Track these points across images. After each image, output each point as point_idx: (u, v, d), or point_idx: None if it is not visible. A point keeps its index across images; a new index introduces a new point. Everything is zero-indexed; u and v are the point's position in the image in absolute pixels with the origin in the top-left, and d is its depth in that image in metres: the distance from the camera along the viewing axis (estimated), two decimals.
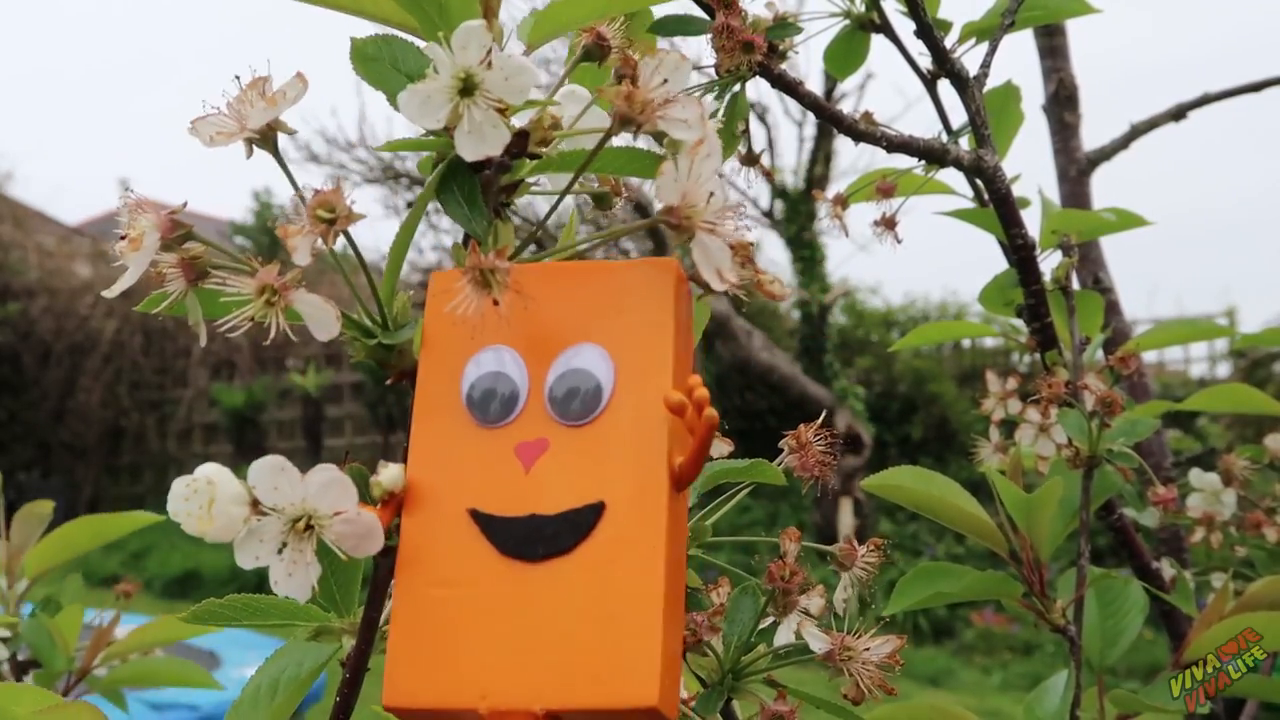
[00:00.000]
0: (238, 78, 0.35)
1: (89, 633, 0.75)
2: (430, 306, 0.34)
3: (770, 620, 0.42)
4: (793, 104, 1.23)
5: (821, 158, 6.26)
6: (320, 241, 0.32)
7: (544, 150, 0.35)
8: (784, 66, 0.61)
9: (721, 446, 0.43)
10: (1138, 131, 1.00)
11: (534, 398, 0.32)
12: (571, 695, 0.29)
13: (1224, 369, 5.95)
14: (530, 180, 0.37)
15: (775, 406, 5.60)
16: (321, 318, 0.33)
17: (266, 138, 0.35)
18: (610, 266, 0.33)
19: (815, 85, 2.33)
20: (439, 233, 6.37)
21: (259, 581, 0.34)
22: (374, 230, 9.65)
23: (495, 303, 0.31)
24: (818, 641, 0.40)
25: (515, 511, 0.31)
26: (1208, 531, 0.76)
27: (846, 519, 4.99)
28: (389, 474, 0.32)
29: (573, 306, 0.33)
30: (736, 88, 0.60)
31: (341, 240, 0.33)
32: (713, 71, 0.56)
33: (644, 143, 0.36)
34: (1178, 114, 1.00)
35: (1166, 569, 0.78)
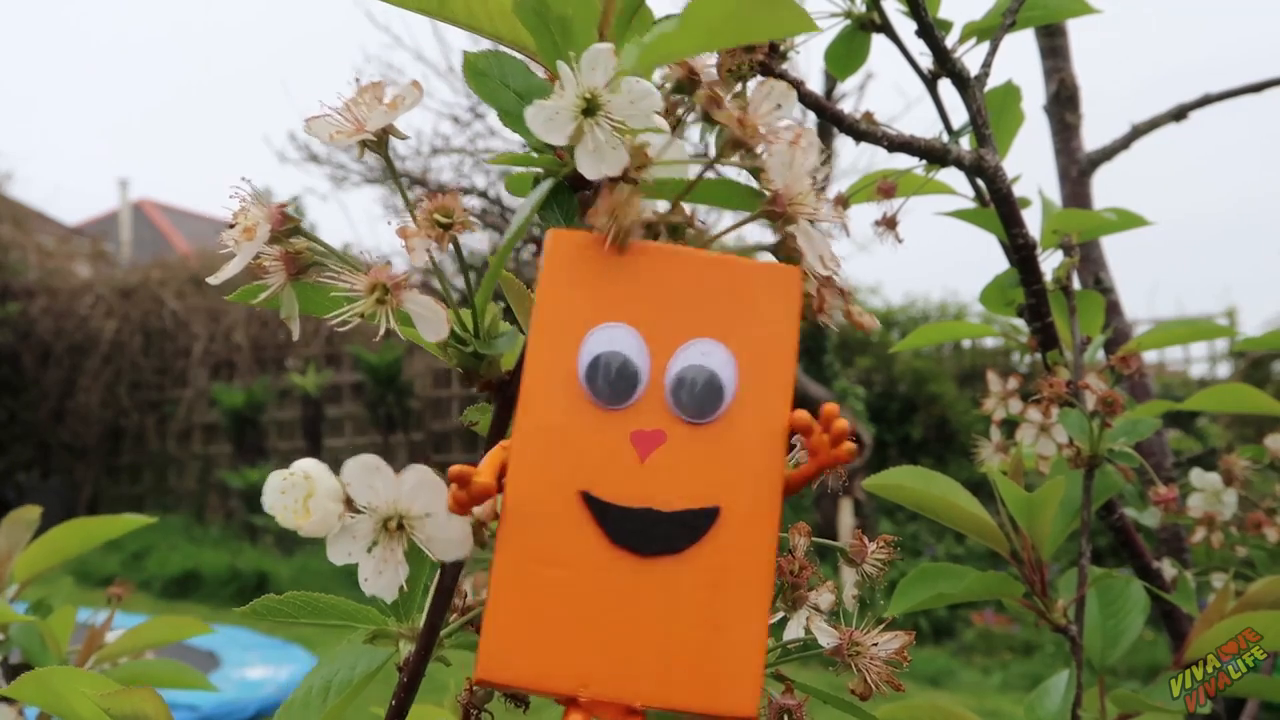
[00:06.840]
0: (357, 79, 0.36)
1: (87, 633, 0.75)
2: (549, 268, 0.32)
3: (779, 616, 0.42)
4: None
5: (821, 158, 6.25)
6: (435, 245, 0.32)
7: (639, 176, 0.34)
8: (784, 66, 0.61)
9: None
10: (1139, 132, 1.00)
11: (654, 386, 0.31)
12: (672, 695, 0.29)
13: (1224, 369, 5.95)
14: None
15: None
16: (432, 319, 0.33)
17: (381, 141, 0.36)
18: (739, 262, 0.33)
19: (815, 85, 2.34)
20: None
21: (258, 581, 0.33)
22: (374, 231, 9.65)
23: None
24: (826, 636, 0.40)
25: (631, 502, 0.30)
26: (1208, 531, 0.76)
27: (847, 519, 4.98)
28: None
29: (699, 297, 0.32)
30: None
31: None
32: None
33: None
34: (1179, 114, 1.00)
35: (1167, 569, 0.78)
